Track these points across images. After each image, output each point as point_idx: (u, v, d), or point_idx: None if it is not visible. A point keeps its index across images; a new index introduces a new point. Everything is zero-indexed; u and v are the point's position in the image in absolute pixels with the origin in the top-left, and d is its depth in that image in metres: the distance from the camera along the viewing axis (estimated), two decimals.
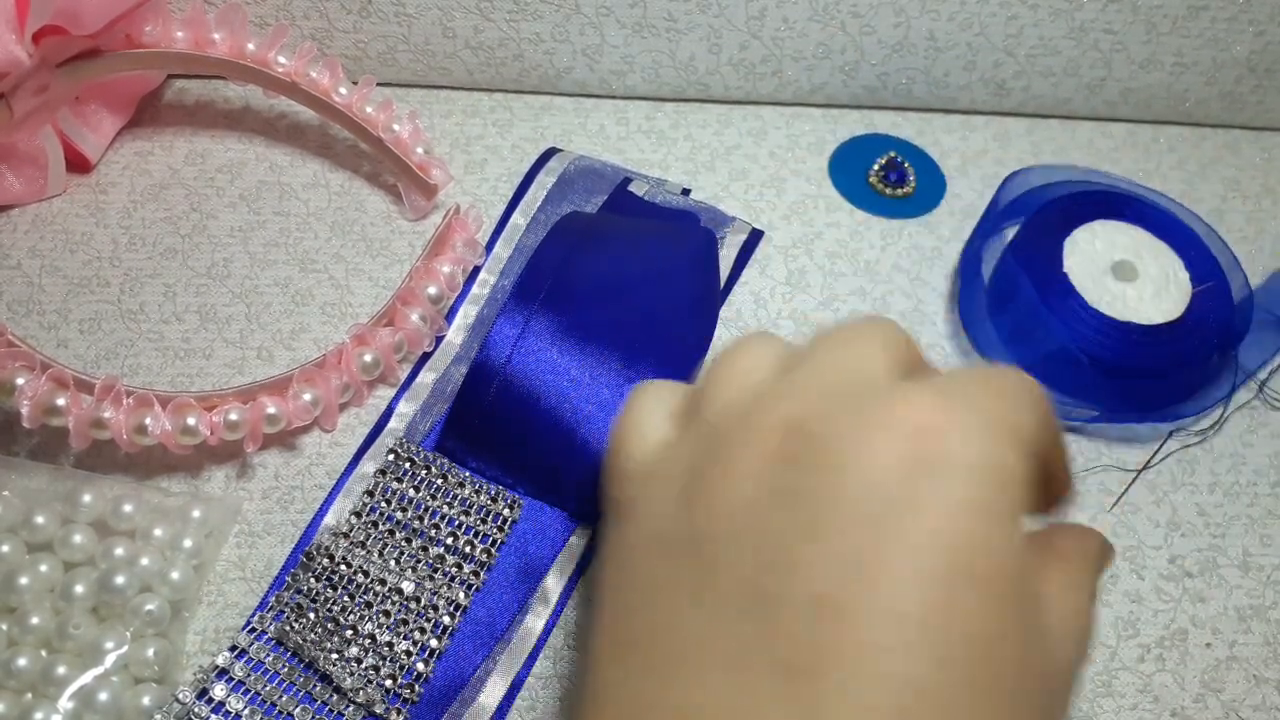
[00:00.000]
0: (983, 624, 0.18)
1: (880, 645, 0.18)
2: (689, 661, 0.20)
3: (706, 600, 0.20)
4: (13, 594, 0.30)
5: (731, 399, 0.23)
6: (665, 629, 0.20)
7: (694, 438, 0.23)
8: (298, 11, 0.43)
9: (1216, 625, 0.35)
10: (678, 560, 0.21)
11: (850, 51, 0.45)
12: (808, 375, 0.22)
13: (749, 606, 0.19)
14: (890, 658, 0.18)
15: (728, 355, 0.25)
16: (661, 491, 0.22)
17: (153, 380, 0.36)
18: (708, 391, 0.24)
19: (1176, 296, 0.38)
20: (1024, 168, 0.43)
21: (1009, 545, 0.19)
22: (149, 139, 0.42)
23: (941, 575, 0.18)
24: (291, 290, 0.39)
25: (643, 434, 0.25)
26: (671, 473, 0.22)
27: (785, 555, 0.19)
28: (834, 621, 0.18)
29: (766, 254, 0.42)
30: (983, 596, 0.19)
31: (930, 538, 0.19)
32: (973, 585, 0.18)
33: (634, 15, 0.43)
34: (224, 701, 0.29)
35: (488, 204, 0.42)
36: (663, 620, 0.20)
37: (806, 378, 0.22)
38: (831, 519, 0.19)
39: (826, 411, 0.21)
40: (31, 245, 0.39)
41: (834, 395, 0.21)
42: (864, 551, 0.19)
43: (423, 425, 0.35)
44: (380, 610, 0.31)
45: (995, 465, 0.19)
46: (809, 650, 0.18)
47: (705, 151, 0.46)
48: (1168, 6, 0.45)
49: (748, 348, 0.24)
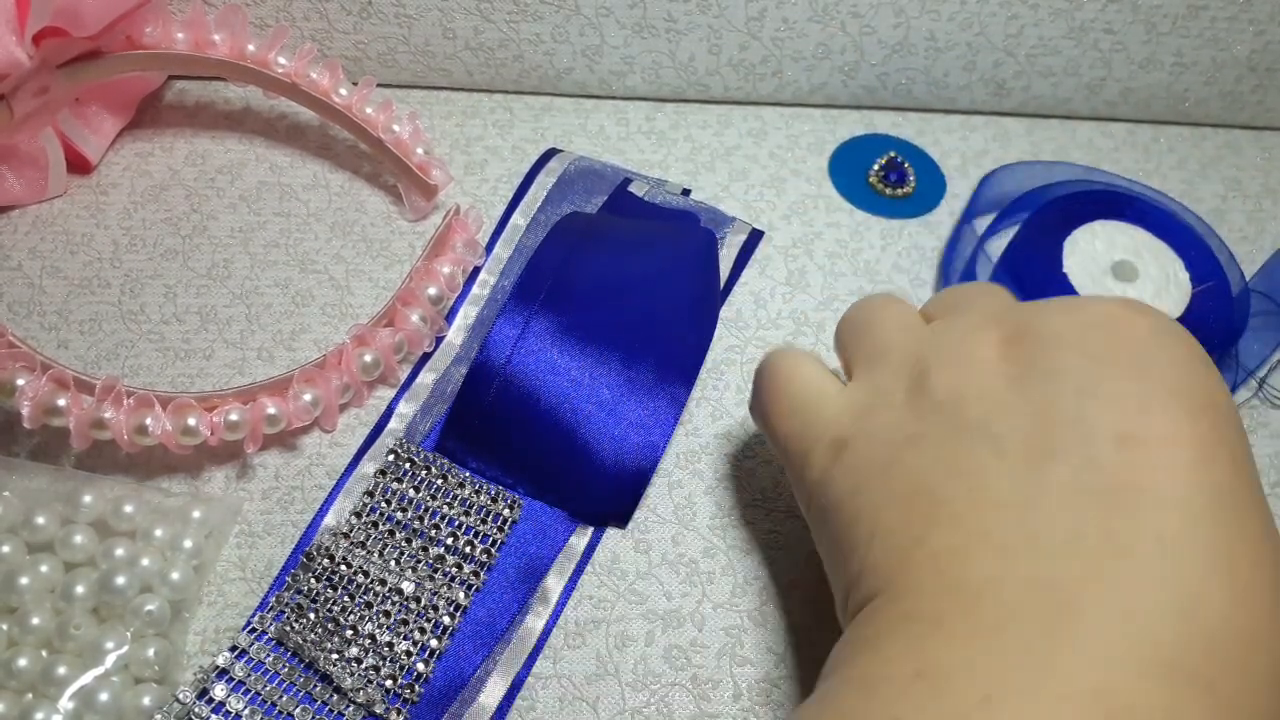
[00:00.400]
0: (1241, 442, 0.23)
1: (1172, 466, 0.22)
2: (987, 505, 0.23)
3: (988, 463, 0.23)
4: (13, 594, 0.30)
5: (910, 337, 0.28)
6: (958, 492, 0.24)
7: (892, 372, 0.27)
8: (298, 13, 0.43)
9: None
10: (951, 443, 0.25)
11: (850, 52, 0.45)
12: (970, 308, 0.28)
13: (1044, 455, 0.23)
14: (1195, 472, 0.22)
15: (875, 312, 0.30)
16: (885, 417, 0.26)
17: (153, 381, 0.36)
18: (879, 339, 0.29)
19: (1176, 296, 0.38)
20: (1000, 165, 0.43)
21: (1223, 382, 0.25)
22: (149, 140, 0.42)
23: (1202, 409, 0.23)
24: (292, 291, 0.39)
25: (818, 387, 0.29)
26: (885, 403, 0.27)
27: (1070, 412, 0.23)
28: (1136, 451, 0.22)
29: (766, 254, 0.42)
30: (1230, 422, 0.23)
31: (1174, 380, 0.23)
32: (1222, 415, 0.23)
33: (634, 16, 0.43)
34: (224, 702, 0.29)
35: (488, 205, 0.42)
36: (955, 486, 0.24)
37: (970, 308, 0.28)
38: (1095, 377, 0.23)
39: (1025, 317, 0.26)
40: (32, 246, 0.39)
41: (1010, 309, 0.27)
42: (1138, 397, 0.23)
43: (423, 426, 0.35)
44: (380, 610, 0.31)
45: (1179, 326, 0.25)
46: (1124, 474, 0.22)
47: (705, 152, 0.46)
48: (1168, 6, 0.45)
49: (887, 302, 0.30)
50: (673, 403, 0.34)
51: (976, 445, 0.24)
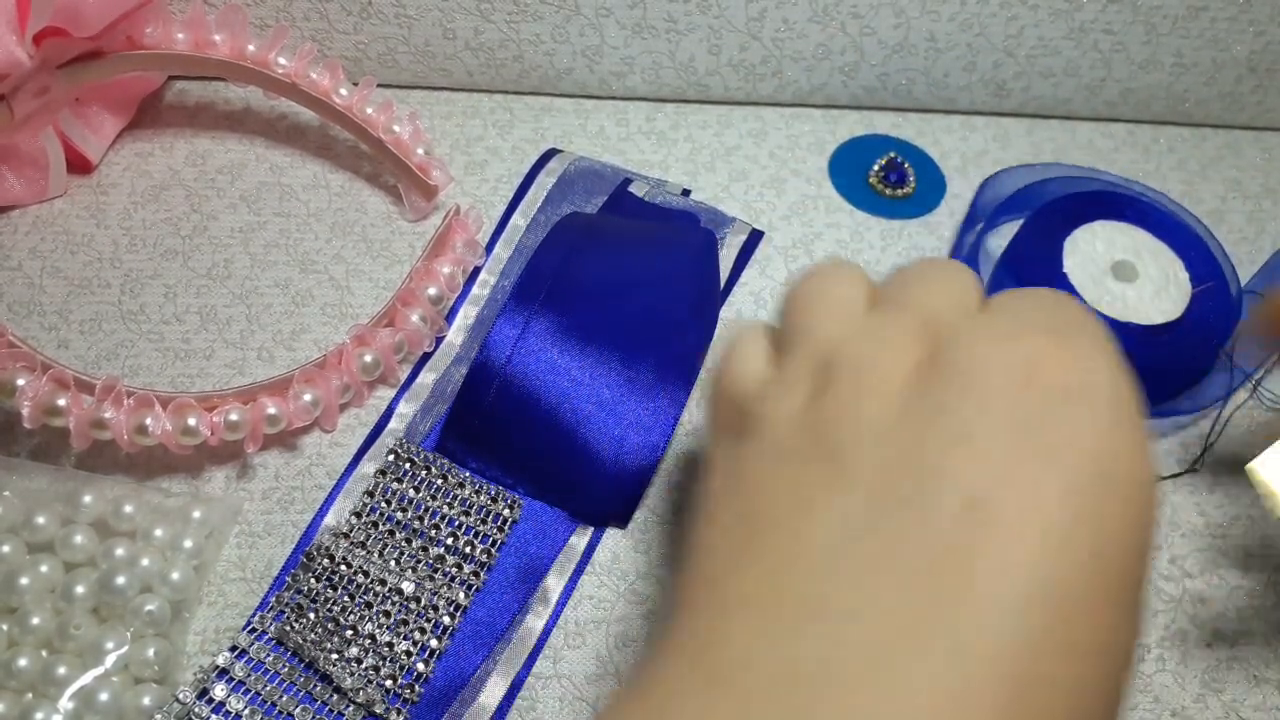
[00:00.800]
0: (1121, 534, 0.20)
1: (1029, 547, 0.19)
2: (807, 556, 0.20)
3: (839, 504, 0.21)
4: (13, 594, 0.30)
5: (843, 331, 0.24)
6: (783, 527, 0.21)
7: (805, 363, 0.24)
8: (298, 13, 0.43)
9: (1216, 625, 0.35)
10: (804, 467, 0.22)
11: (850, 52, 0.45)
12: (921, 307, 0.24)
13: (885, 508, 0.20)
14: (1037, 561, 0.19)
15: (817, 287, 0.26)
16: (780, 409, 0.24)
17: (153, 381, 0.36)
18: (810, 322, 0.25)
19: (1176, 296, 0.38)
20: (1003, 169, 0.43)
21: (1144, 457, 0.21)
22: (150, 140, 0.42)
23: (1087, 487, 0.19)
24: (292, 291, 0.39)
25: (750, 359, 0.26)
26: (789, 394, 0.24)
27: (933, 459, 0.20)
28: (985, 523, 0.19)
29: (766, 254, 0.42)
30: (1123, 508, 0.20)
31: (1076, 447, 0.20)
32: (1115, 497, 0.20)
33: (634, 16, 0.43)
34: (224, 701, 0.29)
35: (488, 205, 0.42)
36: (783, 519, 0.21)
37: (921, 309, 0.24)
38: (979, 426, 0.20)
39: (957, 341, 0.22)
40: (32, 246, 0.39)
41: (956, 328, 0.23)
42: (1015, 458, 0.20)
43: (423, 426, 0.35)
44: (380, 610, 0.31)
45: (1125, 389, 0.21)
46: (959, 548, 0.19)
47: (705, 152, 0.46)
48: (1167, 7, 0.45)
49: (836, 279, 0.26)
50: (673, 403, 0.34)
51: (832, 478, 0.21)
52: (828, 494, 0.21)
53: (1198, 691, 0.33)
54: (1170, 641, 0.34)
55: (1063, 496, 0.19)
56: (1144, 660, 0.34)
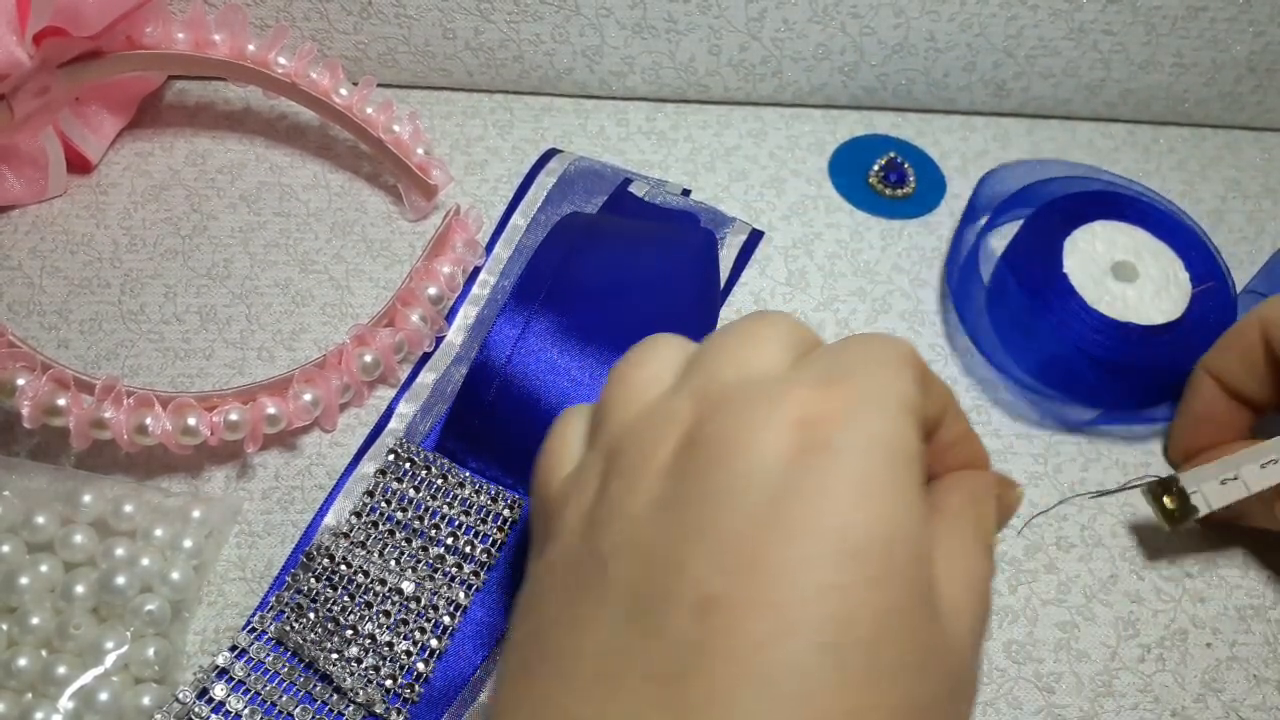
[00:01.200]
0: (876, 608, 0.18)
1: (760, 638, 0.17)
2: (575, 675, 0.19)
3: (595, 614, 0.19)
4: (13, 594, 0.30)
5: (631, 415, 0.22)
6: (558, 646, 0.20)
7: (599, 458, 0.22)
8: (298, 13, 0.43)
9: (1216, 625, 0.35)
10: (581, 578, 0.20)
11: (850, 52, 0.45)
12: (702, 382, 0.22)
13: (635, 615, 0.19)
14: (771, 650, 0.17)
15: (625, 367, 0.24)
16: (573, 513, 0.22)
17: (153, 380, 0.36)
18: (609, 408, 0.23)
19: (1176, 296, 0.38)
20: (1001, 165, 0.43)
21: (900, 522, 0.19)
22: (149, 140, 0.42)
23: (829, 560, 0.18)
24: (292, 291, 0.39)
25: (560, 459, 0.24)
26: (582, 495, 0.22)
27: (671, 558, 0.19)
28: (715, 620, 0.18)
29: (766, 254, 0.42)
30: (875, 579, 0.18)
31: (816, 523, 0.18)
32: (864, 567, 0.18)
33: (634, 16, 0.43)
34: (224, 701, 0.29)
35: (488, 205, 0.42)
36: (559, 637, 0.20)
37: (701, 385, 0.21)
38: (716, 517, 0.19)
39: (716, 415, 0.20)
40: (32, 246, 0.39)
41: (725, 399, 0.20)
42: (749, 545, 0.18)
43: (423, 425, 0.35)
44: (380, 610, 0.31)
45: (880, 442, 0.19)
46: (688, 651, 0.18)
47: (705, 152, 0.46)
48: (1167, 7, 0.45)
49: (645, 358, 0.24)
50: None
51: (601, 590, 0.20)
52: (596, 608, 0.19)
53: (1198, 691, 0.33)
54: (1170, 641, 0.34)
55: (798, 584, 0.18)
56: (1144, 660, 0.34)
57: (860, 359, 0.20)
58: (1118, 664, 0.34)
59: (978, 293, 0.40)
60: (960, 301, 0.40)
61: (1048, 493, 0.37)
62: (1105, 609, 0.35)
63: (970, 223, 0.43)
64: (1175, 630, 0.35)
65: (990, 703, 0.32)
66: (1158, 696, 0.33)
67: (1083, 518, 0.37)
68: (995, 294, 0.40)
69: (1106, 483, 0.38)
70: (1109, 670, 0.34)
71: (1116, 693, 0.33)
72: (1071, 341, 0.37)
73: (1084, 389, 0.38)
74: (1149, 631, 0.34)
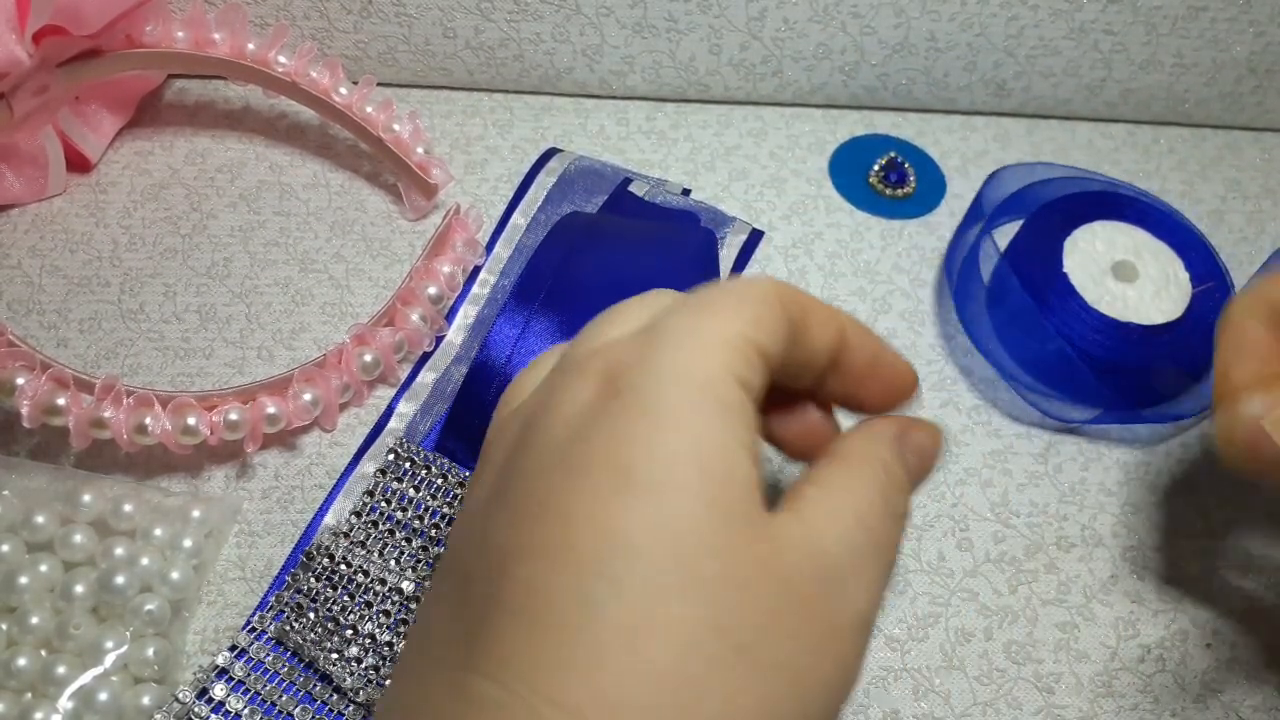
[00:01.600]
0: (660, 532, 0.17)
1: (536, 581, 0.17)
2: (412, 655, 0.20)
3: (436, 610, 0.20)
4: (13, 594, 0.30)
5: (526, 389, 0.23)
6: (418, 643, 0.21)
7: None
8: (298, 12, 0.43)
9: (1216, 625, 0.35)
10: (438, 569, 0.22)
11: (850, 52, 0.45)
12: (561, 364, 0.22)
13: (454, 590, 0.19)
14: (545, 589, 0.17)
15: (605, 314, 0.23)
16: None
17: (153, 380, 0.36)
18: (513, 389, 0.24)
19: (1176, 296, 0.38)
20: (1003, 166, 0.43)
21: (698, 446, 0.18)
22: (149, 139, 0.42)
23: (610, 493, 0.17)
24: (291, 290, 0.39)
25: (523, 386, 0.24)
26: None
27: (489, 539, 0.19)
28: (507, 572, 0.18)
29: (766, 254, 0.42)
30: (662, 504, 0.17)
31: (602, 459, 0.18)
32: (652, 495, 0.17)
33: (634, 16, 0.43)
34: (224, 701, 0.29)
35: (488, 204, 0.42)
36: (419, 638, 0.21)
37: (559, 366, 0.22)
38: (520, 479, 0.19)
39: (544, 392, 0.21)
40: (32, 245, 0.39)
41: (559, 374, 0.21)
42: (539, 494, 0.18)
43: (423, 425, 0.35)
44: (380, 610, 0.31)
45: (673, 377, 0.18)
46: (483, 606, 0.18)
47: (705, 152, 0.46)
48: (1168, 7, 0.45)
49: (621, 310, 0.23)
50: None
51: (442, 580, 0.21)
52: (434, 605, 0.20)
53: (1198, 691, 0.33)
54: (1170, 641, 0.34)
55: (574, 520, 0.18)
56: (1144, 660, 0.34)
57: (683, 305, 0.20)
58: (1117, 664, 0.34)
59: (978, 293, 0.40)
60: (960, 301, 0.40)
61: (1048, 492, 0.37)
62: (1105, 609, 0.35)
63: (973, 223, 0.43)
64: (1175, 630, 0.35)
65: (990, 703, 0.33)
66: (1157, 697, 0.33)
67: (1083, 517, 0.37)
68: (995, 294, 0.40)
69: (1106, 482, 0.38)
70: (1108, 670, 0.34)
71: (1116, 693, 0.33)
72: (1072, 341, 0.37)
73: (1084, 389, 0.38)
74: (1149, 631, 0.34)
